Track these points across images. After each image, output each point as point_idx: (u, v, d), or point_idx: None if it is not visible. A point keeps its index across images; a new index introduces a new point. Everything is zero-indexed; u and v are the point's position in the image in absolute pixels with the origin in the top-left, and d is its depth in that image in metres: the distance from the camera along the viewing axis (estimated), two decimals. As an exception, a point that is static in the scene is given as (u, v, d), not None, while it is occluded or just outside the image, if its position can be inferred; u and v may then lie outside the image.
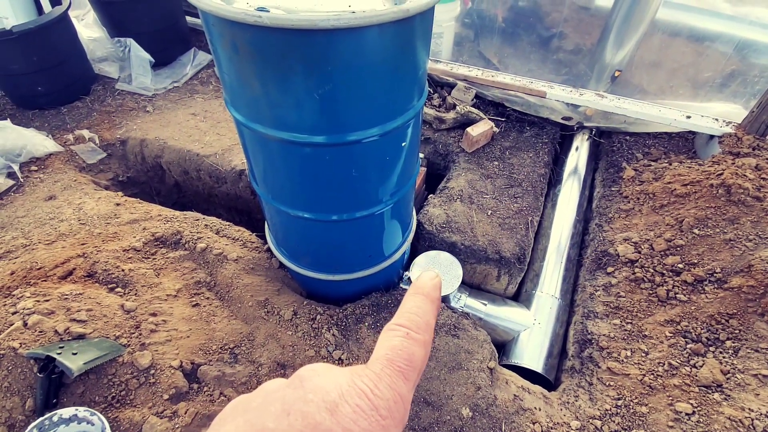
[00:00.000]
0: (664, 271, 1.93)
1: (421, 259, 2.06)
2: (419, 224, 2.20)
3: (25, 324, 1.35)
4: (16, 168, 2.34)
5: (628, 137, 2.74)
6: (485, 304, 2.07)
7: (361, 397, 0.33)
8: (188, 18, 3.49)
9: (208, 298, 1.73)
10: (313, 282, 1.87)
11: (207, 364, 1.48)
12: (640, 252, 2.02)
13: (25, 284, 1.61)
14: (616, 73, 2.71)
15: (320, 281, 1.84)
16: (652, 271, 1.94)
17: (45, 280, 1.62)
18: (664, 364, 1.68)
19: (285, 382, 0.36)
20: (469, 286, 2.28)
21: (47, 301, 1.44)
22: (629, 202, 2.29)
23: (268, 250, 2.01)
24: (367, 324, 1.81)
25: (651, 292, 1.89)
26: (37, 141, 2.44)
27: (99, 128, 2.69)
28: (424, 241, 2.23)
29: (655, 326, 1.79)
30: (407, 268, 2.09)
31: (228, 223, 2.12)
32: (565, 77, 2.86)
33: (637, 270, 1.96)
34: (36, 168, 2.40)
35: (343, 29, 1.03)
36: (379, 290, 1.99)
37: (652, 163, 2.48)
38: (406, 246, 1.99)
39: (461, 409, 1.56)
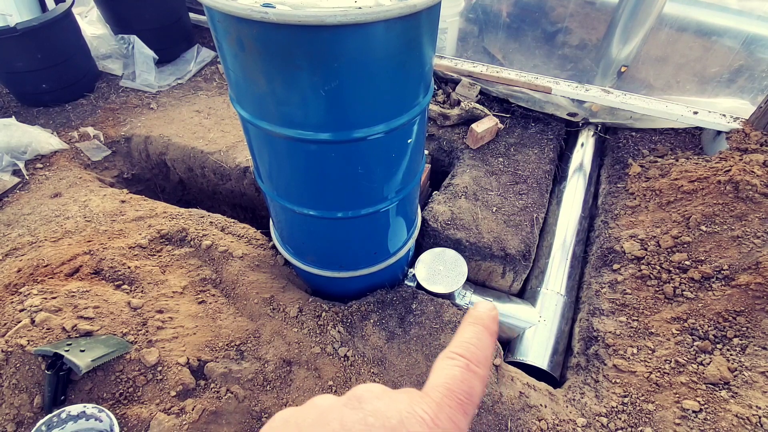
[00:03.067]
0: (671, 268, 1.92)
1: (426, 256, 2.06)
2: (424, 221, 2.20)
3: (32, 321, 1.36)
4: (21, 165, 2.35)
5: (634, 133, 2.72)
6: (490, 301, 2.07)
7: (422, 425, 0.32)
8: (192, 15, 3.48)
9: (213, 295, 1.74)
10: (319, 279, 1.87)
11: (213, 361, 1.49)
12: (646, 249, 2.01)
13: (32, 281, 1.62)
14: (623, 69, 2.68)
15: (325, 278, 1.84)
16: (658, 268, 1.93)
17: (52, 278, 1.63)
18: (670, 362, 1.67)
19: (340, 400, 0.35)
20: (474, 283, 2.27)
21: (54, 298, 1.44)
22: (635, 199, 2.28)
23: (273, 247, 2.01)
24: (372, 321, 1.81)
25: (657, 289, 1.88)
26: (42, 138, 2.44)
27: (103, 125, 2.69)
28: (428, 238, 2.22)
29: (661, 323, 1.78)
30: (412, 265, 2.09)
31: (233, 220, 2.12)
32: (571, 73, 2.84)
33: (643, 267, 1.95)
34: (41, 165, 2.40)
35: (350, 25, 1.02)
36: (384, 287, 1.99)
37: (659, 160, 2.46)
38: (411, 243, 1.98)
39: (467, 406, 1.56)
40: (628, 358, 1.71)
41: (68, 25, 2.73)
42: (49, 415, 1.22)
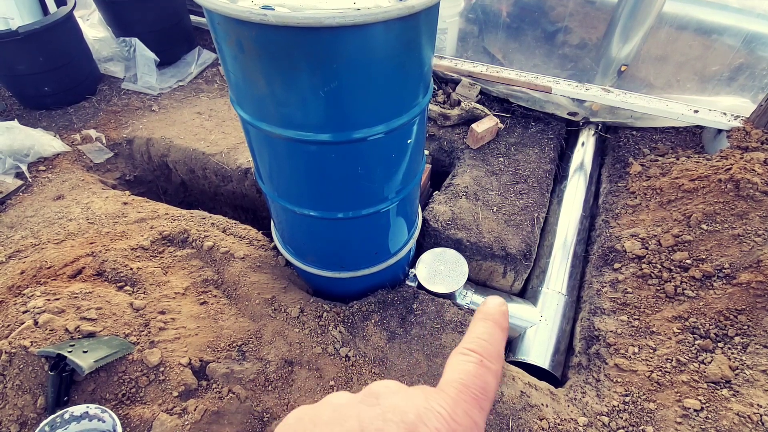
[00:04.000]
0: (672, 267, 1.92)
1: (426, 256, 2.06)
2: (425, 221, 2.20)
3: (35, 323, 1.37)
4: (24, 168, 2.36)
5: (634, 132, 2.72)
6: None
7: (440, 421, 0.32)
8: (192, 17, 3.49)
9: (215, 296, 1.74)
10: (320, 279, 1.88)
11: (215, 361, 1.49)
12: (647, 248, 2.01)
13: (35, 283, 1.63)
14: (623, 68, 2.68)
15: (326, 279, 1.84)
16: (659, 267, 1.93)
17: (55, 279, 1.64)
18: (672, 361, 1.67)
19: (356, 398, 0.35)
20: (475, 282, 2.27)
21: (57, 299, 1.45)
22: (636, 198, 2.28)
23: (275, 248, 2.02)
24: (373, 321, 1.82)
25: (658, 288, 1.88)
26: (44, 141, 2.46)
27: (105, 128, 2.71)
28: (429, 238, 2.23)
29: (662, 322, 1.78)
30: (413, 265, 2.10)
31: (234, 221, 2.13)
32: (571, 72, 2.84)
33: (644, 266, 1.95)
34: (44, 168, 2.42)
35: (348, 26, 1.03)
36: (385, 287, 1.99)
37: (659, 158, 2.46)
38: (412, 243, 1.99)
39: (468, 405, 1.56)
40: (630, 357, 1.70)
41: (70, 28, 2.74)
42: (53, 416, 1.23)
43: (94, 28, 3.18)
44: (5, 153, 2.36)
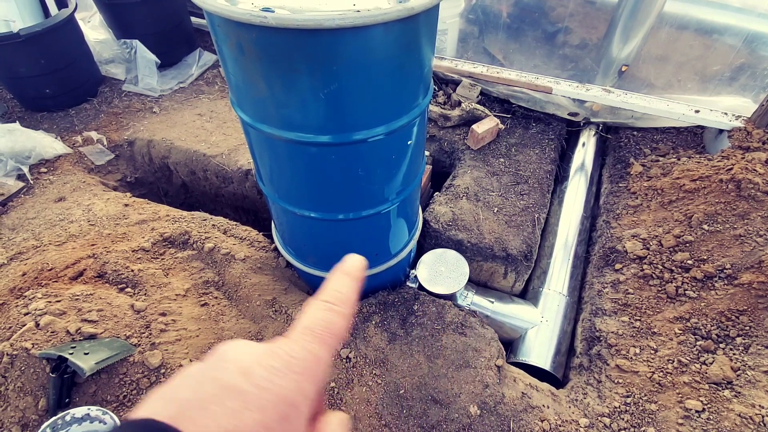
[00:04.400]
0: (673, 268, 1.91)
1: (427, 257, 2.06)
2: (425, 222, 2.20)
3: (37, 325, 1.37)
4: (25, 170, 2.37)
5: (635, 132, 2.72)
6: (492, 302, 2.07)
7: (275, 359, 0.34)
8: (193, 19, 3.50)
9: (216, 298, 1.75)
10: (321, 281, 1.87)
11: (216, 363, 1.49)
12: (648, 248, 2.00)
13: (37, 285, 1.63)
14: (623, 68, 2.68)
15: (327, 280, 1.84)
16: (660, 267, 1.93)
17: (56, 281, 1.64)
18: (673, 362, 1.67)
19: (203, 362, 0.37)
20: (476, 283, 2.27)
21: (59, 301, 1.46)
22: (637, 198, 2.27)
23: (275, 249, 2.02)
24: (374, 323, 1.82)
25: (660, 288, 1.88)
26: (46, 143, 2.46)
27: (107, 129, 2.72)
28: (430, 239, 2.22)
29: (664, 323, 1.78)
30: (414, 266, 2.09)
31: (235, 222, 2.14)
32: (571, 73, 2.84)
33: (645, 266, 1.95)
34: (45, 170, 2.43)
35: (348, 28, 1.03)
36: (386, 289, 1.99)
37: (660, 159, 2.46)
38: (413, 244, 1.99)
39: (469, 406, 1.56)
40: (631, 358, 1.70)
41: (71, 31, 2.75)
42: (54, 418, 1.23)
43: (95, 30, 3.19)
44: (6, 155, 2.37)
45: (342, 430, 0.41)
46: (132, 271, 1.71)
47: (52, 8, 2.96)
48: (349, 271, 0.44)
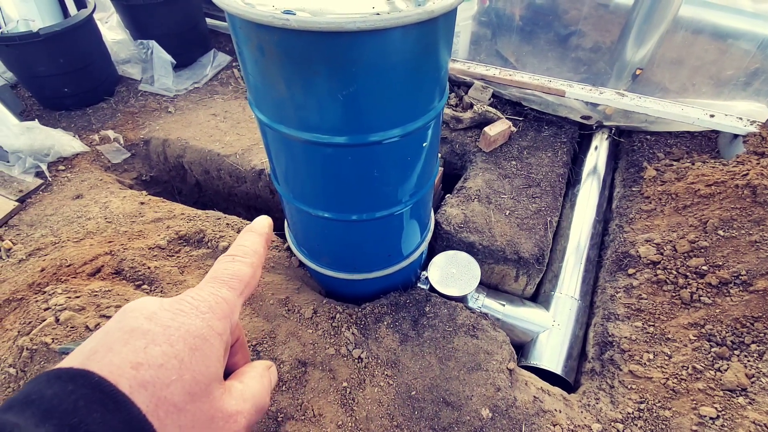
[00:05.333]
0: (688, 273, 1.90)
1: (439, 259, 2.07)
2: (437, 224, 2.21)
3: (57, 320, 1.40)
4: (44, 167, 2.41)
5: (649, 136, 2.70)
6: (503, 305, 2.07)
7: (181, 303, 0.36)
8: (208, 20, 3.54)
9: (230, 296, 1.76)
10: (333, 281, 1.89)
11: (230, 360, 1.51)
12: (662, 253, 1.99)
13: (56, 281, 1.66)
14: (637, 71, 2.66)
15: (339, 280, 1.86)
16: (675, 272, 1.91)
17: (75, 277, 1.67)
18: (687, 368, 1.65)
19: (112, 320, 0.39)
20: (487, 286, 2.27)
21: (78, 297, 1.48)
22: (651, 203, 2.26)
23: (288, 249, 2.04)
24: (386, 323, 1.82)
25: (674, 294, 1.86)
26: (64, 141, 2.51)
27: (123, 128, 2.76)
28: (441, 241, 2.23)
29: (678, 329, 1.76)
30: (425, 267, 2.10)
31: (248, 222, 2.16)
32: (584, 76, 2.83)
33: (659, 272, 1.94)
34: (63, 167, 2.47)
35: (368, 31, 1.04)
36: (398, 290, 2.00)
37: (674, 163, 2.44)
38: (425, 246, 1.99)
39: (481, 409, 1.56)
40: (644, 363, 1.69)
41: (90, 31, 2.80)
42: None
43: (112, 30, 3.24)
44: (26, 152, 2.42)
45: (263, 374, 0.42)
46: (148, 268, 1.73)
47: (71, 8, 3.01)
48: (254, 228, 0.48)
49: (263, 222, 0.50)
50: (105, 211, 2.14)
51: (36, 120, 2.60)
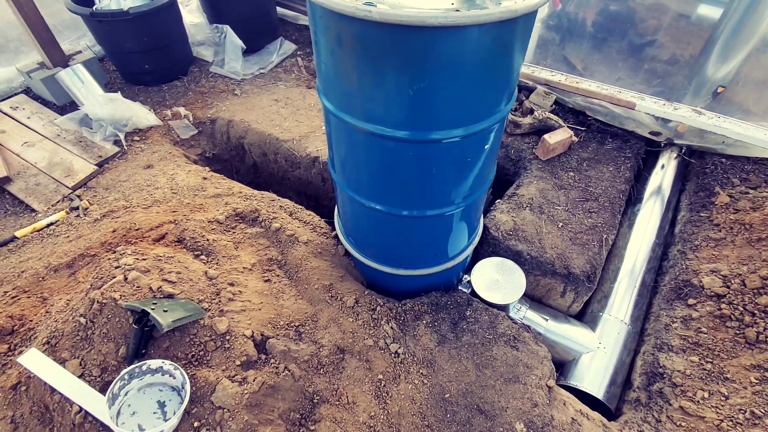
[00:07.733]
0: (756, 311, 1.75)
1: (484, 264, 2.04)
2: (485, 229, 2.17)
3: (125, 278, 1.51)
4: (122, 137, 2.60)
5: (723, 160, 2.51)
6: (546, 320, 2.00)
7: None
8: (278, 9, 3.66)
9: (278, 276, 1.83)
10: (376, 273, 1.91)
11: (275, 337, 1.57)
12: (729, 287, 1.85)
13: (125, 242, 1.80)
14: (719, 89, 2.48)
15: (383, 273, 1.87)
16: (741, 309, 1.77)
17: (142, 240, 1.80)
18: (745, 412, 1.53)
19: None
20: (530, 298, 2.21)
21: (144, 260, 1.59)
22: (720, 231, 2.10)
23: (336, 236, 2.08)
24: (425, 322, 1.82)
25: (738, 332, 1.73)
26: (141, 114, 2.69)
27: (193, 107, 2.92)
28: (488, 246, 2.19)
29: (739, 369, 1.64)
30: (468, 271, 2.07)
31: (300, 206, 2.22)
32: (658, 89, 2.67)
33: (723, 306, 1.80)
34: (138, 138, 2.65)
35: (448, 27, 1.03)
36: (439, 290, 1.99)
37: (751, 191, 2.25)
38: (471, 250, 1.97)
39: (515, 423, 1.53)
40: (698, 401, 1.58)
41: (172, 13, 2.98)
42: (132, 366, 1.36)
43: (191, 13, 3.43)
44: (107, 121, 2.62)
45: None
46: (207, 240, 1.83)
47: (157, -9, 3.20)
48: None
49: None
50: (171, 183, 2.28)
51: (119, 92, 2.80)
